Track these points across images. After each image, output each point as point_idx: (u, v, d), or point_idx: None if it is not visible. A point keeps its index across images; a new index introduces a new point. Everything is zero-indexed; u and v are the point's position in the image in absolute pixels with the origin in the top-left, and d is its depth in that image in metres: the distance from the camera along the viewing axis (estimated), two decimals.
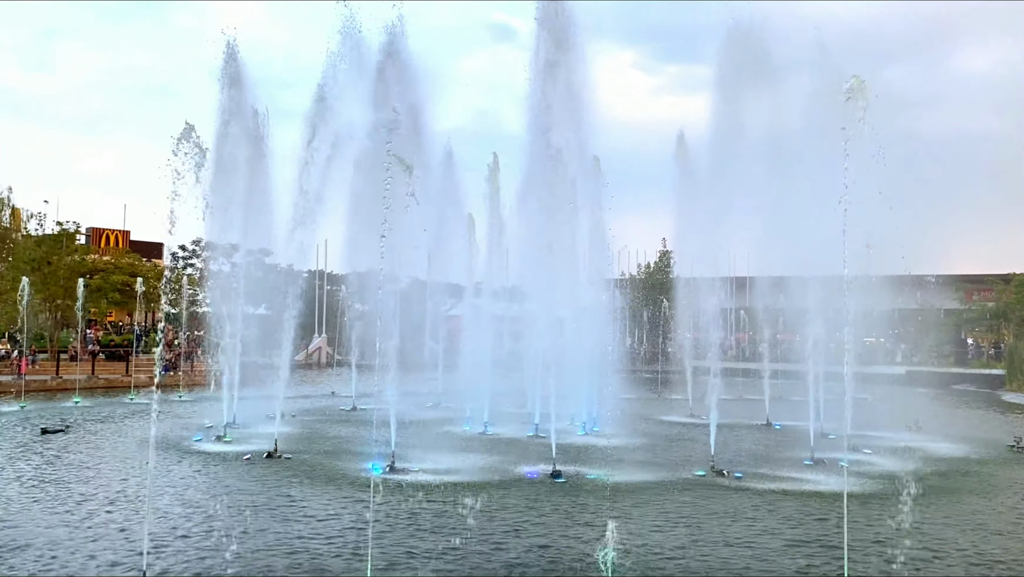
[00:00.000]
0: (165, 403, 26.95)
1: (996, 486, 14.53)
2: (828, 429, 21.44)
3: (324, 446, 17.75)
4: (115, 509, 11.35)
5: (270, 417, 22.64)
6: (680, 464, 16.11)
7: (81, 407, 24.85)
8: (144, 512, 10.67)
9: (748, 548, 9.90)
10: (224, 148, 21.20)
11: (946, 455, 18.05)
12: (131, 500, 11.93)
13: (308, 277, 61.36)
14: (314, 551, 9.40)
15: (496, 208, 27.34)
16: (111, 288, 40.35)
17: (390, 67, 22.54)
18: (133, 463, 15.04)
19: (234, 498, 12.13)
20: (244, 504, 11.71)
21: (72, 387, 31.32)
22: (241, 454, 15.94)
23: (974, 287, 61.62)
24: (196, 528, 10.34)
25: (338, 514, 11.25)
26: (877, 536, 10.42)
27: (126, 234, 60.86)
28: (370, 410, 25.49)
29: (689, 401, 29.47)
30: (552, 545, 9.87)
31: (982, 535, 10.84)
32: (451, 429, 20.97)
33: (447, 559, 9.16)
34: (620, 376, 45.32)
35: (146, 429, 19.82)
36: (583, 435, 20.00)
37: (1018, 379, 41.00)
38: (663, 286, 64.50)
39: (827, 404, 23.24)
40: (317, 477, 13.87)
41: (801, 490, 13.60)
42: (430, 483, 13.36)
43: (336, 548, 9.55)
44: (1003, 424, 26.00)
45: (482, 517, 11.13)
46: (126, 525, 10.44)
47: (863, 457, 17.31)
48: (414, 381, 37.48)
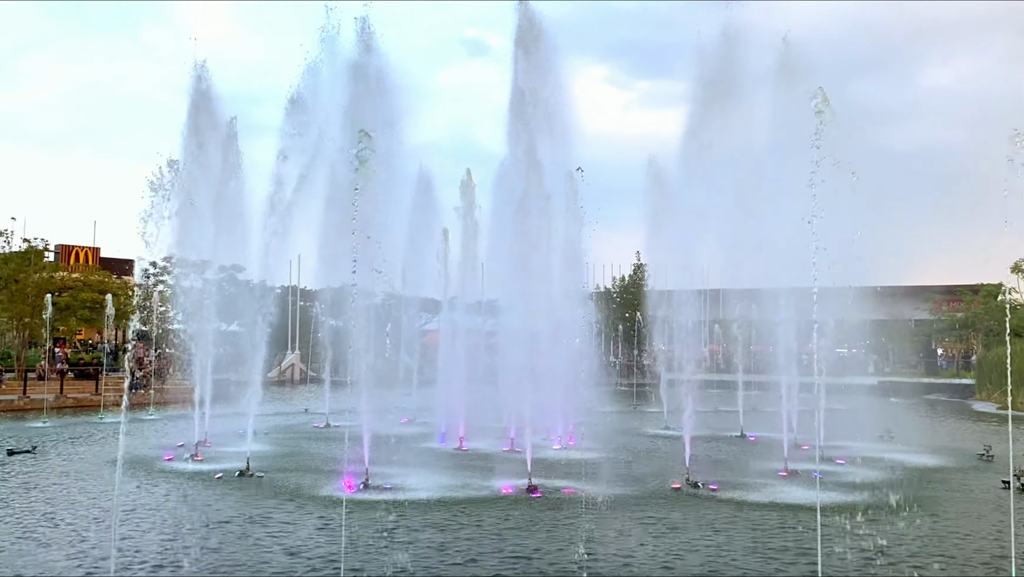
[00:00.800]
0: (135, 422, 26.56)
1: (968, 496, 14.67)
2: (802, 440, 21.61)
3: (297, 464, 17.57)
4: (81, 529, 11.12)
5: (242, 435, 22.41)
6: (655, 477, 16.12)
7: (49, 427, 24.41)
8: (111, 536, 10.49)
9: (722, 557, 9.90)
10: (195, 165, 21.02)
11: (918, 465, 18.22)
12: (98, 521, 11.70)
13: (281, 293, 61.10)
14: (288, 569, 9.27)
15: (470, 222, 27.34)
16: (80, 305, 39.77)
17: (364, 82, 22.50)
18: (101, 483, 14.78)
19: (204, 518, 11.95)
20: (214, 524, 11.53)
21: (40, 407, 30.79)
22: (213, 473, 15.73)
23: (943, 298, 62.57)
24: (165, 549, 10.16)
25: (310, 533, 11.11)
26: (850, 545, 10.47)
27: (96, 251, 60.08)
28: (344, 427, 25.30)
29: (664, 414, 29.54)
30: (527, 558, 9.81)
31: (954, 541, 10.92)
32: (426, 445, 20.85)
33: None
34: (596, 390, 45.44)
35: (116, 449, 19.51)
36: (559, 449, 19.97)
37: (987, 388, 41.60)
38: (637, 299, 64.79)
39: (801, 415, 23.43)
40: (290, 495, 13.71)
41: (775, 501, 13.65)
42: (404, 500, 13.25)
43: (307, 567, 9.42)
44: (973, 433, 26.33)
45: (457, 533, 11.06)
46: (93, 546, 10.22)
47: (836, 468, 17.43)
48: (388, 397, 37.31)
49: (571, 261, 22.66)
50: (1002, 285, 53.76)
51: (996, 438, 23.32)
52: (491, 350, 28.20)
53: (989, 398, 40.50)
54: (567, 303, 23.11)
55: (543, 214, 19.82)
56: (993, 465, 18.19)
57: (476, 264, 28.20)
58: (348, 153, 19.85)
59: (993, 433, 25.97)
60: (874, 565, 9.69)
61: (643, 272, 66.28)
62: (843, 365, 58.38)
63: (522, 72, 20.42)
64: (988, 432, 26.54)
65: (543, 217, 19.81)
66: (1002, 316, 49.26)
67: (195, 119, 21.35)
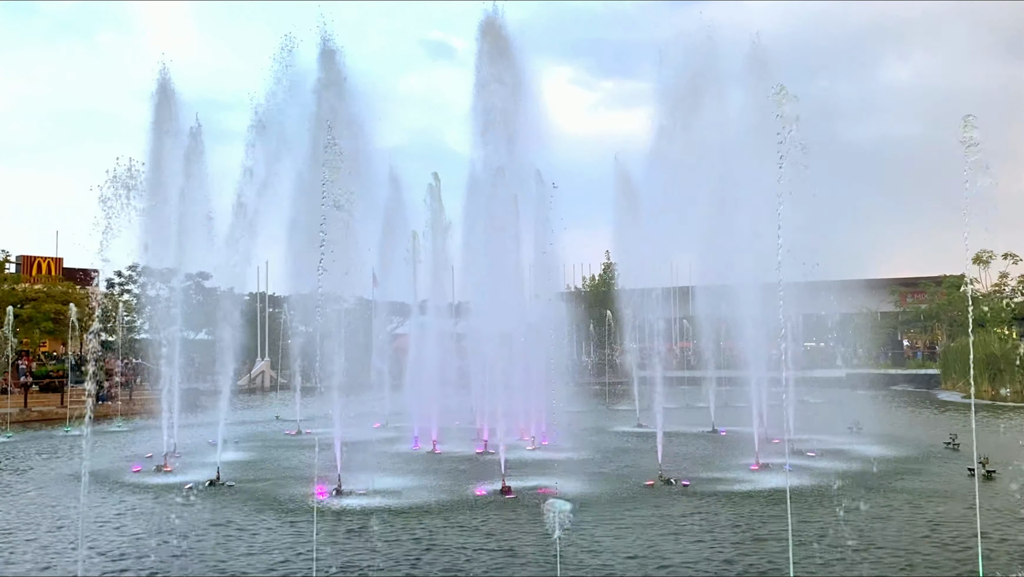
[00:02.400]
0: (102, 433, 26.13)
1: (935, 484, 14.90)
2: (772, 434, 21.83)
3: (269, 472, 17.40)
4: (45, 545, 10.91)
5: (212, 444, 22.15)
6: (629, 474, 16.19)
7: (12, 441, 23.95)
8: (78, 551, 10.33)
9: (697, 550, 9.96)
10: (159, 173, 20.76)
11: (886, 455, 18.48)
12: (64, 536, 11.49)
13: (249, 300, 60.54)
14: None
15: (439, 225, 27.30)
16: (43, 317, 39.08)
17: (328, 87, 22.38)
18: (68, 497, 14.52)
19: (173, 530, 11.78)
20: (184, 535, 11.38)
21: (3, 421, 30.20)
22: (183, 484, 15.51)
23: (908, 290, 63.54)
24: (133, 563, 10.00)
25: (282, 540, 11.00)
26: (821, 534, 10.59)
27: (59, 261, 59.04)
28: (315, 433, 25.10)
29: (636, 411, 29.68)
30: (501, 560, 9.80)
31: (921, 528, 11.08)
32: (399, 449, 20.75)
33: None
34: (568, 389, 45.51)
35: (81, 462, 19.18)
36: (532, 450, 19.98)
37: (952, 378, 42.32)
38: (608, 298, 65.03)
39: (770, 409, 23.63)
40: (261, 504, 13.57)
41: (746, 493, 13.78)
42: (377, 505, 13.18)
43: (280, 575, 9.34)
44: (939, 422, 26.77)
45: (430, 537, 11.01)
46: (56, 563, 10.04)
47: (806, 461, 17.63)
48: (360, 402, 37.11)
49: (540, 263, 22.72)
50: (964, 276, 54.71)
51: (962, 427, 23.75)
52: (462, 352, 28.15)
53: (954, 388, 41.21)
54: (537, 304, 23.18)
55: (511, 218, 19.85)
56: (959, 453, 18.49)
57: (446, 267, 28.17)
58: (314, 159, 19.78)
59: (958, 422, 26.42)
60: (844, 553, 9.80)
61: (612, 271, 66.53)
62: (811, 359, 59.13)
63: (487, 76, 20.43)
64: (954, 421, 27.00)
65: (511, 220, 19.83)
66: (965, 307, 50.18)
67: (159, 126, 21.10)
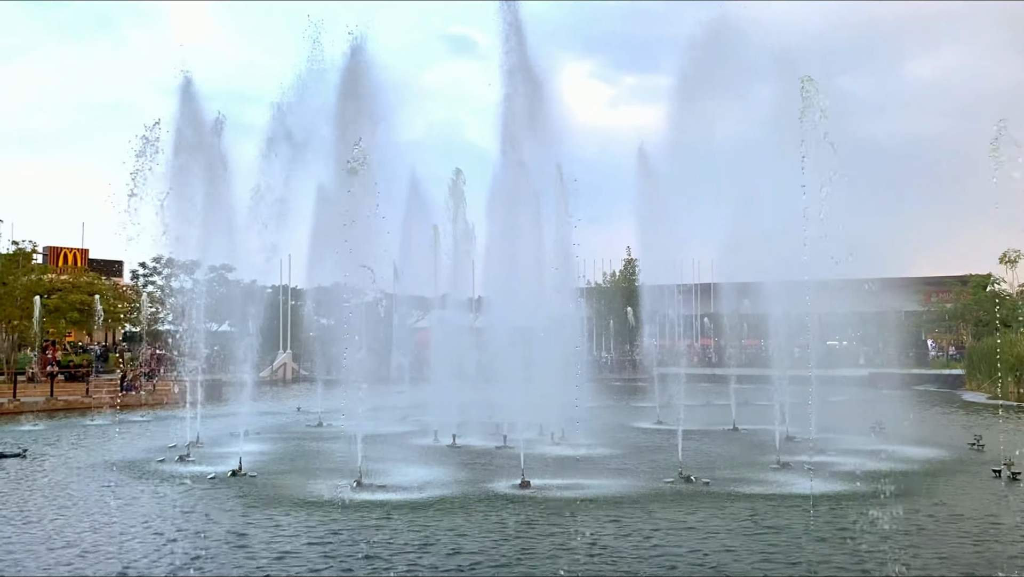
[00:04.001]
0: (127, 423, 26.45)
1: (959, 485, 14.74)
2: (794, 433, 21.70)
3: (290, 463, 17.52)
4: (73, 533, 11.07)
5: (235, 435, 22.36)
6: (648, 471, 16.16)
7: (39, 430, 24.28)
8: (102, 539, 10.48)
9: (717, 551, 9.92)
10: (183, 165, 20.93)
11: (909, 455, 18.31)
12: (90, 525, 11.65)
13: (272, 292, 61.01)
14: (279, 572, 9.26)
15: (461, 219, 27.35)
16: (69, 308, 39.52)
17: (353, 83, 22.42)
18: (93, 486, 14.71)
19: (196, 520, 11.91)
20: (204, 526, 11.50)
21: (30, 410, 30.63)
22: (205, 474, 15.66)
23: (933, 289, 62.80)
24: (151, 550, 10.12)
25: (302, 532, 11.08)
26: (842, 535, 10.53)
27: (84, 252, 59.78)
28: (337, 426, 25.26)
29: (656, 408, 29.59)
30: (519, 556, 9.81)
31: (945, 529, 10.98)
32: (419, 442, 20.83)
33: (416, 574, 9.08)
34: (588, 385, 45.45)
35: (107, 451, 19.43)
36: (552, 445, 19.99)
37: (977, 378, 41.81)
38: (628, 294, 64.82)
39: (792, 408, 23.46)
40: (282, 495, 13.67)
41: (769, 493, 13.70)
42: (397, 499, 13.25)
43: (297, 569, 9.41)
44: (964, 423, 26.48)
45: (449, 531, 11.05)
46: (85, 551, 10.18)
47: (828, 459, 17.50)
48: (381, 395, 37.28)
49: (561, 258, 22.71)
50: (990, 276, 54.01)
51: (986, 429, 23.50)
52: (482, 347, 28.20)
53: (979, 388, 40.72)
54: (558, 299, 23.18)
55: (533, 214, 19.89)
56: (984, 455, 18.28)
57: (467, 262, 28.25)
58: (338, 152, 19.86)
59: (983, 423, 26.14)
60: (866, 553, 9.73)
61: (633, 267, 66.28)
62: (834, 357, 58.73)
63: (509, 72, 20.37)
64: (978, 422, 26.70)
65: (533, 216, 19.87)
66: (991, 307, 49.55)
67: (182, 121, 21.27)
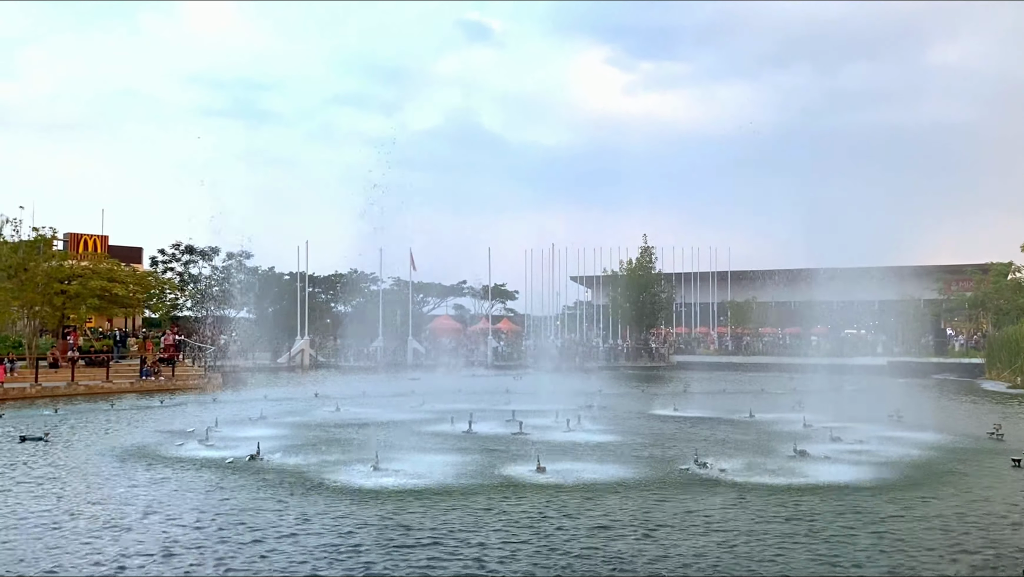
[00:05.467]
0: (146, 408, 26.74)
1: (978, 474, 14.66)
2: (811, 421, 21.65)
3: (307, 448, 17.64)
4: (91, 516, 11.22)
5: (253, 420, 22.57)
6: (664, 459, 16.16)
7: (61, 414, 24.59)
8: (124, 522, 10.61)
9: (735, 539, 9.92)
10: None
11: (928, 444, 18.22)
12: (111, 508, 11.80)
13: (289, 279, 61.36)
14: (291, 556, 9.35)
15: None
16: (89, 294, 39.87)
17: None
18: (113, 470, 14.90)
19: (214, 504, 12.04)
20: (222, 509, 11.62)
21: (51, 394, 31.03)
22: (223, 459, 15.82)
23: (953, 277, 62.28)
24: (176, 536, 10.25)
25: (318, 516, 11.17)
26: (861, 523, 10.51)
27: (104, 239, 60.24)
28: (354, 411, 25.44)
29: (672, 395, 29.56)
30: (536, 545, 9.86)
31: (964, 520, 10.92)
32: (436, 428, 20.92)
33: (430, 557, 9.14)
34: (604, 372, 45.59)
35: (127, 436, 19.66)
36: (567, 432, 20.05)
37: (997, 367, 41.48)
38: (645, 282, 64.67)
39: (810, 396, 23.36)
40: (299, 480, 13.79)
41: (785, 482, 13.67)
42: (413, 485, 13.33)
43: (312, 554, 9.50)
44: (982, 412, 26.29)
45: (466, 515, 11.12)
46: (100, 534, 10.31)
47: (846, 448, 17.45)
48: (398, 381, 37.45)
49: None
50: (1012, 264, 53.46)
51: (1005, 417, 23.33)
52: (498, 334, 28.26)
53: (999, 377, 40.40)
54: None
55: None
56: (1003, 444, 18.16)
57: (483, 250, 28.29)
58: None
59: (1003, 412, 25.96)
60: (884, 545, 9.72)
61: (650, 254, 66.07)
62: (852, 346, 58.53)
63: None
64: (998, 410, 26.52)
65: None
66: (1012, 295, 49.05)
67: None
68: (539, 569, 8.86)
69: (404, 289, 60.41)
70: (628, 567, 8.91)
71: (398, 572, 8.71)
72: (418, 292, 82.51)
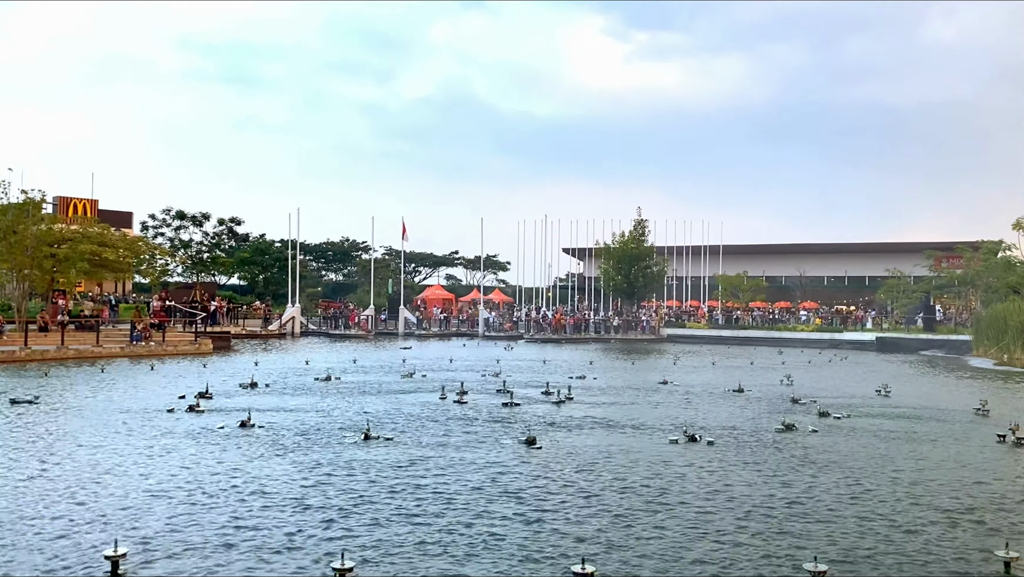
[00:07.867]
0: (137, 374, 26.71)
1: (963, 449, 14.81)
2: (799, 394, 21.81)
3: (297, 415, 17.69)
4: (77, 482, 11.25)
5: (244, 387, 22.59)
6: (653, 430, 16.27)
7: (50, 378, 24.54)
8: (113, 487, 10.61)
9: (718, 507, 10.02)
10: None
11: (914, 418, 18.38)
12: (98, 473, 11.83)
13: (280, 246, 61.13)
14: (284, 522, 9.41)
15: None
16: (79, 257, 39.62)
17: None
18: (103, 434, 14.91)
19: (204, 470, 12.08)
20: (213, 475, 11.67)
21: (41, 358, 30.96)
22: (214, 425, 15.85)
23: (943, 254, 62.49)
24: (159, 503, 10.29)
25: (308, 484, 11.23)
26: (846, 494, 10.63)
27: (94, 203, 59.83)
28: (345, 379, 25.47)
29: (663, 368, 29.69)
30: (525, 512, 9.94)
31: (963, 482, 11.06)
32: (427, 398, 20.98)
33: (419, 521, 9.21)
34: (596, 345, 45.66)
35: (117, 400, 19.64)
36: (557, 403, 20.14)
37: (984, 344, 41.78)
38: (637, 255, 64.64)
39: (798, 370, 23.46)
40: (289, 446, 13.84)
41: (773, 455, 13.78)
42: (404, 453, 13.39)
43: (298, 520, 9.56)
44: (970, 388, 26.51)
45: (458, 483, 11.19)
46: (86, 500, 10.34)
47: (832, 422, 17.60)
48: (388, 350, 37.47)
49: None
50: (1002, 242, 53.64)
51: (992, 393, 23.54)
52: (489, 305, 28.30)
53: (986, 354, 40.70)
54: None
55: None
56: (989, 419, 18.34)
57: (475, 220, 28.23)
58: None
59: (989, 388, 26.18)
60: (870, 526, 9.83)
61: (643, 227, 65.96)
62: (840, 322, 58.71)
63: None
64: (984, 386, 26.75)
65: None
66: (1002, 273, 49.26)
67: None
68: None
69: (396, 258, 60.27)
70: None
71: None
72: (410, 261, 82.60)
